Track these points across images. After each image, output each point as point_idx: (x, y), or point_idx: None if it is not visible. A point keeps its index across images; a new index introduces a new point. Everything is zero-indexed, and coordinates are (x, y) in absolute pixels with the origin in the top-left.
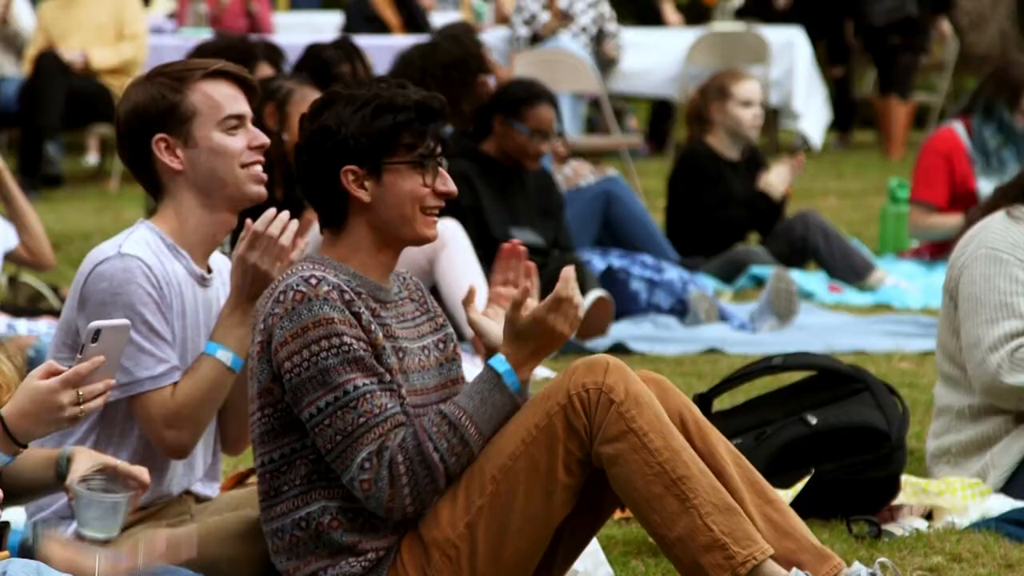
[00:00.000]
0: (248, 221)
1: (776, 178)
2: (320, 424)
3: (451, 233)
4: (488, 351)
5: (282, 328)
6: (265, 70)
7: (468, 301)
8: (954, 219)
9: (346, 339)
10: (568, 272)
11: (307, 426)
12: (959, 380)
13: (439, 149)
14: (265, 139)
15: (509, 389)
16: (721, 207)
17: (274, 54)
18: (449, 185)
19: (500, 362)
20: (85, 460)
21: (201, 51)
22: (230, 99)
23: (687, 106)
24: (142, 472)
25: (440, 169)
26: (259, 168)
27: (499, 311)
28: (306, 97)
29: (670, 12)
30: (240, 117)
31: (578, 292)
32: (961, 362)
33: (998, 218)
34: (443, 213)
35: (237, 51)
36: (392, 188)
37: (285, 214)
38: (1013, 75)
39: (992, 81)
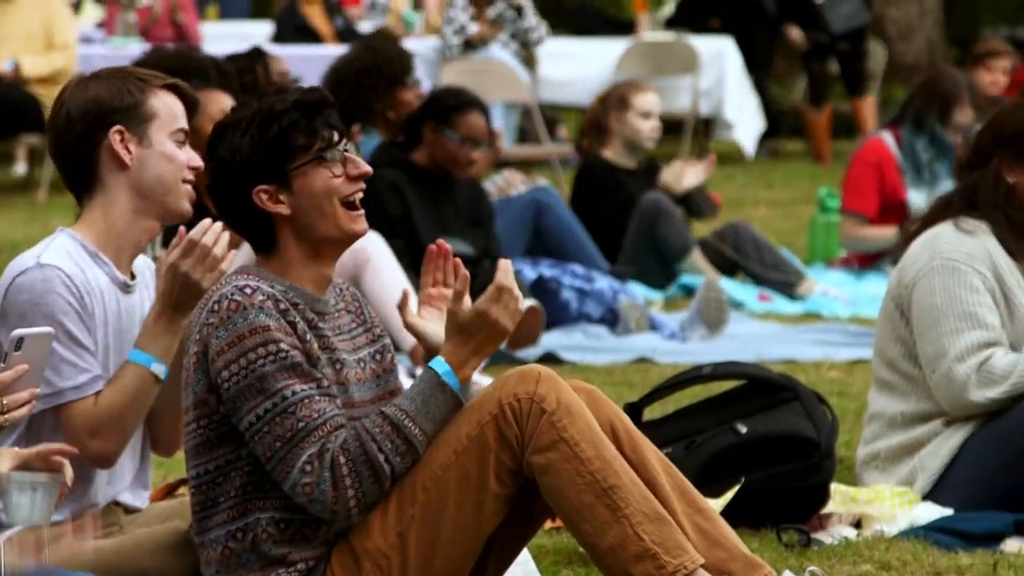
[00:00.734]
0: (182, 229)
1: (672, 176)
2: (259, 432)
3: (374, 247)
4: (428, 354)
5: (218, 338)
6: (219, 96)
7: (403, 305)
8: (888, 231)
9: (282, 346)
10: (506, 263)
11: (246, 435)
12: (896, 386)
13: (336, 136)
14: (200, 162)
15: (450, 388)
16: (623, 214)
17: (223, 76)
18: (361, 167)
19: (440, 363)
20: (7, 459)
21: (147, 62)
22: (181, 114)
23: (587, 115)
24: (63, 447)
25: (347, 155)
26: (191, 187)
27: (433, 312)
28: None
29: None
30: (187, 133)
31: (515, 284)
32: (902, 369)
33: (948, 230)
34: (373, 223)
35: (186, 67)
36: (305, 191)
37: (219, 225)
38: (943, 87)
39: (923, 93)
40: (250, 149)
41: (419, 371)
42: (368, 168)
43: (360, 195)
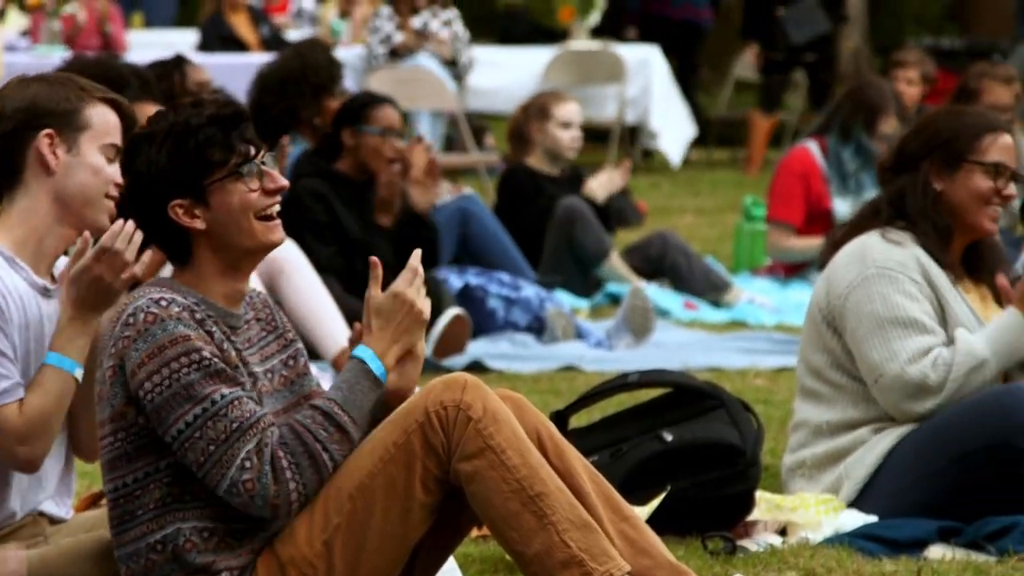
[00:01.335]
0: (86, 234)
1: (597, 184)
2: (190, 438)
3: (286, 255)
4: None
5: (136, 350)
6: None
7: (374, 271)
8: (814, 241)
9: (204, 354)
10: (416, 251)
11: (175, 444)
12: (821, 395)
13: (254, 151)
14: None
15: (375, 374)
16: (545, 220)
17: (144, 85)
18: (278, 180)
19: (363, 350)
20: None
21: (67, 71)
22: (115, 129)
23: (509, 123)
24: None
25: (264, 168)
26: (113, 204)
27: None
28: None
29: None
30: (118, 150)
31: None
32: (828, 378)
33: (876, 240)
34: (302, 233)
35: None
36: (221, 207)
37: (131, 225)
38: (869, 97)
39: (848, 103)
40: (166, 163)
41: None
42: (284, 182)
43: (277, 208)
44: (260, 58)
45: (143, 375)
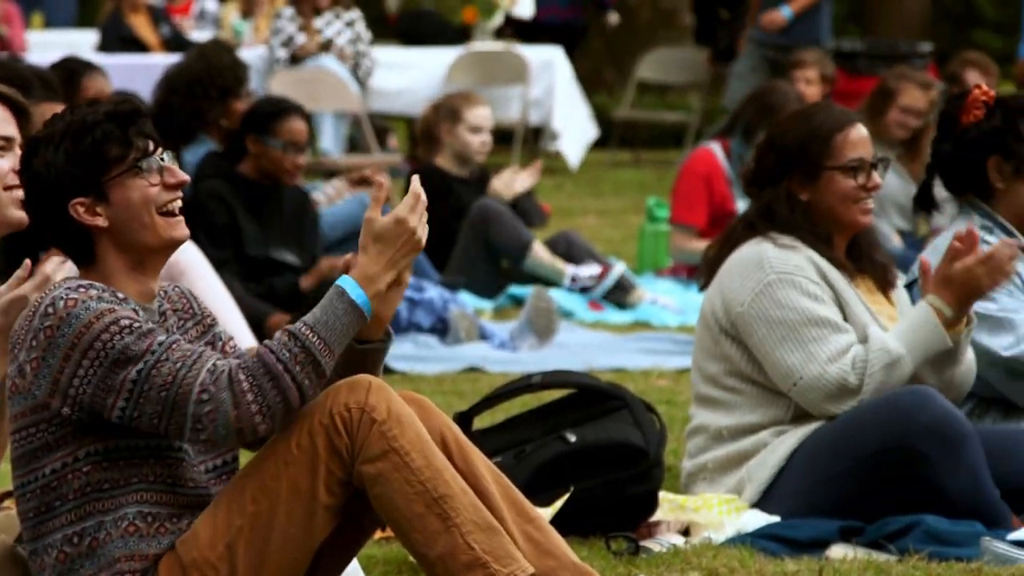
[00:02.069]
0: (27, 262)
1: (501, 183)
2: (141, 394)
3: (186, 257)
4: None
5: (63, 335)
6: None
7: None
8: None
9: (132, 318)
10: (416, 178)
11: (126, 412)
12: (719, 401)
13: (152, 147)
14: None
15: (353, 300)
16: (454, 221)
17: (46, 86)
18: (178, 175)
19: (348, 281)
20: None
21: None
22: (4, 120)
23: (420, 121)
24: None
25: (163, 163)
26: (21, 192)
27: None
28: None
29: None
30: (8, 140)
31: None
32: (725, 384)
33: (768, 247)
34: (200, 234)
35: (7, 77)
36: (122, 203)
37: (59, 259)
38: (773, 99)
39: (753, 104)
40: (64, 163)
41: None
42: (185, 176)
43: (178, 203)
44: (161, 59)
45: (77, 356)
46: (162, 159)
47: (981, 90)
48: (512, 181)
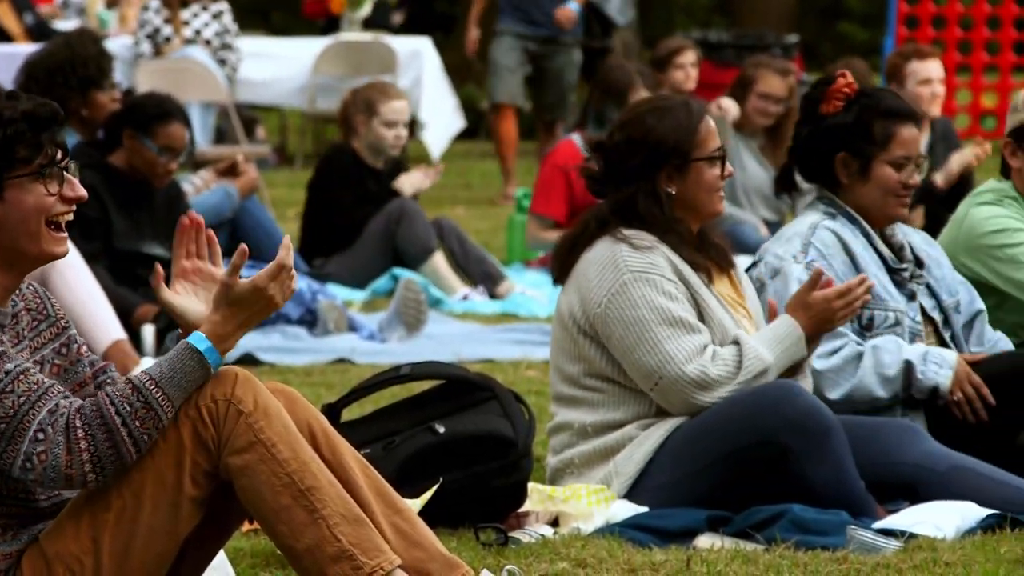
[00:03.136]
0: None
1: (407, 181)
2: None
3: None
4: (185, 330)
5: None
6: None
7: (156, 281)
8: None
9: None
10: (287, 240)
11: None
12: (580, 400)
13: (60, 155)
14: None
15: (201, 355)
16: (359, 207)
17: None
18: (77, 190)
19: (200, 339)
20: None
21: None
22: None
23: (340, 107)
24: None
25: (66, 175)
26: None
27: (188, 286)
28: None
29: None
30: None
31: (294, 263)
32: (586, 384)
33: (623, 248)
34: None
35: None
36: (16, 204)
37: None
38: (614, 78)
39: (597, 90)
40: None
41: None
42: (83, 192)
43: (69, 217)
44: (24, 49)
45: None
46: (65, 170)
47: (845, 80)
48: (418, 180)
